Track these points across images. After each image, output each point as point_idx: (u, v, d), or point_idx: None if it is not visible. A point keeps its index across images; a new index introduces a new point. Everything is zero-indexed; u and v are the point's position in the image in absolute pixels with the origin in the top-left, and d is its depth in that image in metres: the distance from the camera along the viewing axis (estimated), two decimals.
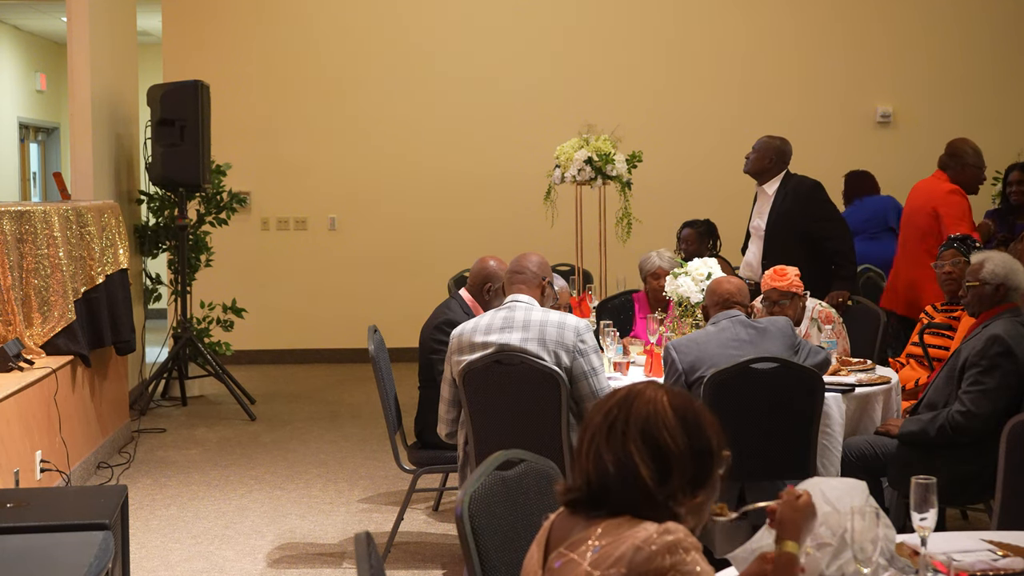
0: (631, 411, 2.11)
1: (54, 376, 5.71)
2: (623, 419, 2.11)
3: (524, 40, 10.27)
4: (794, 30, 10.21)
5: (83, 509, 3.88)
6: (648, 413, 2.10)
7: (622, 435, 2.09)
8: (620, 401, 2.14)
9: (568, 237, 7.41)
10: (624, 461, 2.08)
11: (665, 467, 2.07)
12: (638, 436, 2.08)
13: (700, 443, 2.10)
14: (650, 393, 2.14)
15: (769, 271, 5.35)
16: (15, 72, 13.58)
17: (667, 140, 9.88)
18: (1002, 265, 4.54)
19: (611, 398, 2.18)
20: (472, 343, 4.38)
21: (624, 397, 2.15)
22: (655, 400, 2.12)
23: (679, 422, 2.10)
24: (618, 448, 2.09)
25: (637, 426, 2.09)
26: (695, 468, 2.09)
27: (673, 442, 2.08)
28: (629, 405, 2.12)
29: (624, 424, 2.10)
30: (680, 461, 2.08)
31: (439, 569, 5.06)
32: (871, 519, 2.35)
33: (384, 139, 10.32)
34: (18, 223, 5.85)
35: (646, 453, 2.07)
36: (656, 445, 2.08)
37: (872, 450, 4.64)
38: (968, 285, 4.54)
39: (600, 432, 2.12)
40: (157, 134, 8.19)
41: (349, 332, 9.80)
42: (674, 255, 6.06)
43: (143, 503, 5.98)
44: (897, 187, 8.88)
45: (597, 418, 2.15)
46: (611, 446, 2.09)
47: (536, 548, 2.20)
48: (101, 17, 7.82)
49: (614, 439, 2.10)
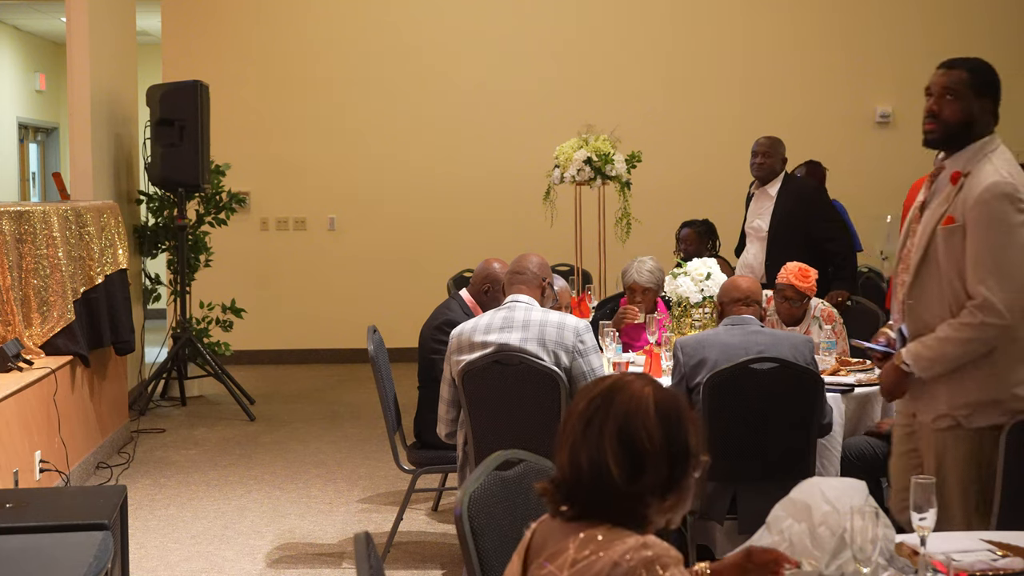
0: (612, 405, 2.07)
1: (53, 376, 5.71)
2: (603, 412, 2.06)
3: (524, 40, 10.27)
4: (794, 30, 10.21)
5: (82, 509, 3.88)
6: (629, 410, 2.05)
7: (599, 430, 2.05)
8: (604, 392, 2.10)
9: (567, 237, 7.42)
10: (597, 458, 2.04)
11: (638, 467, 2.03)
12: (615, 432, 2.04)
13: (677, 444, 2.05)
14: (636, 388, 2.09)
15: (793, 267, 5.36)
16: (14, 72, 13.58)
17: (666, 140, 9.89)
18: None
19: (598, 385, 2.13)
20: (472, 343, 4.38)
21: (608, 388, 2.10)
22: (639, 396, 2.07)
23: (660, 421, 2.05)
24: (593, 444, 2.05)
25: (616, 422, 2.05)
26: (669, 470, 2.05)
27: (649, 441, 2.03)
28: (612, 398, 2.08)
29: (603, 419, 2.06)
30: (654, 462, 2.04)
31: (438, 569, 5.06)
32: (871, 519, 2.35)
33: (383, 139, 10.31)
34: (17, 223, 5.85)
35: (620, 451, 2.03)
36: (631, 444, 2.04)
37: (871, 450, 4.64)
38: None
39: (579, 423, 2.08)
40: (156, 134, 8.19)
41: (348, 332, 9.79)
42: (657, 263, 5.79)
43: (142, 503, 5.97)
44: (896, 187, 8.85)
45: (579, 406, 2.11)
46: (587, 440, 2.06)
47: (516, 558, 2.17)
48: (101, 17, 7.82)
49: (590, 433, 2.06)
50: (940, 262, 3.42)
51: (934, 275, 3.45)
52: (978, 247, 3.35)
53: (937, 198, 3.50)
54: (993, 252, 3.34)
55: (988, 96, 3.52)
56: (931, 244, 3.45)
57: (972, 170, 3.44)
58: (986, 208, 3.34)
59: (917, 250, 3.48)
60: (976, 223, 3.36)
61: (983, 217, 3.35)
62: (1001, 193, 3.35)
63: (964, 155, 3.47)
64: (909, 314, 3.52)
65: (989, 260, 3.34)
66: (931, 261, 3.45)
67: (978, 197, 3.36)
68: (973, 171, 3.43)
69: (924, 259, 3.46)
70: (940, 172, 3.54)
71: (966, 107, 3.47)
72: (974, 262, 3.35)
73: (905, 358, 3.48)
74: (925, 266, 3.46)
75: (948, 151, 3.52)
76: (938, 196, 3.50)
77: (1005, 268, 3.34)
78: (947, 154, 3.53)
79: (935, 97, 3.50)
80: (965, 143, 3.48)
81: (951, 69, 3.51)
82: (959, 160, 3.48)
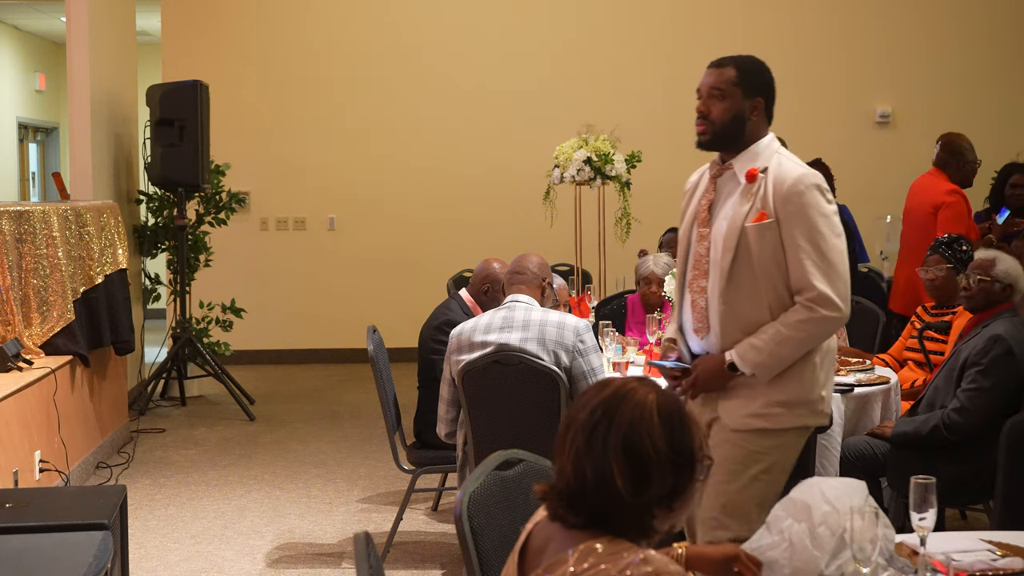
0: (616, 415, 2.02)
1: (53, 376, 5.71)
2: (606, 423, 2.02)
3: (524, 40, 10.27)
4: (794, 30, 10.21)
5: (82, 509, 3.88)
6: (633, 419, 2.01)
7: (603, 442, 2.01)
8: (607, 401, 2.05)
9: (567, 237, 7.42)
10: (603, 470, 2.00)
11: (643, 477, 2.00)
12: (620, 444, 2.00)
13: (682, 449, 2.02)
14: (640, 395, 2.04)
15: None
16: (14, 72, 13.58)
17: (666, 140, 9.87)
18: (1013, 266, 4.54)
19: (598, 394, 2.08)
20: (472, 342, 4.39)
21: (612, 396, 2.06)
22: (643, 404, 2.03)
23: (663, 427, 2.02)
24: (598, 456, 2.01)
25: (620, 433, 2.01)
26: (675, 477, 2.02)
27: (655, 450, 2.00)
28: (615, 408, 2.03)
29: (607, 430, 2.02)
30: (660, 471, 2.00)
31: (438, 569, 5.06)
32: (870, 519, 2.35)
33: (383, 139, 10.32)
34: (17, 223, 5.85)
35: (625, 463, 2.00)
36: (637, 455, 2.00)
37: (871, 450, 4.64)
38: (979, 279, 4.51)
39: (582, 434, 2.04)
40: (156, 134, 8.19)
41: (348, 332, 9.80)
42: (672, 261, 6.01)
43: (142, 503, 5.97)
44: (896, 187, 8.88)
45: (582, 416, 2.06)
46: (591, 452, 2.02)
47: (513, 557, 2.15)
48: (100, 17, 7.82)
49: (595, 445, 2.02)
50: (754, 261, 3.28)
51: (747, 275, 3.29)
52: (799, 241, 3.24)
53: (731, 198, 3.36)
54: (816, 244, 3.24)
55: (759, 95, 3.40)
56: (741, 244, 3.28)
57: (768, 166, 3.33)
58: (801, 200, 3.24)
59: (724, 252, 3.30)
60: (793, 217, 3.24)
61: (799, 210, 3.24)
62: (812, 184, 3.27)
63: (749, 154, 3.36)
64: (723, 318, 3.33)
65: (814, 253, 3.24)
66: (742, 261, 3.29)
67: (790, 190, 3.25)
68: (770, 167, 3.32)
69: (735, 260, 3.29)
70: (723, 173, 3.41)
71: (733, 105, 3.36)
72: (798, 256, 3.24)
73: (737, 362, 3.29)
74: (736, 267, 3.30)
75: (724, 151, 3.41)
76: (731, 196, 3.37)
77: (829, 258, 3.25)
78: (726, 155, 3.41)
79: (703, 98, 3.39)
80: (739, 142, 3.37)
81: (719, 67, 3.40)
82: (746, 159, 3.36)
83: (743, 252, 3.28)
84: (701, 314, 3.38)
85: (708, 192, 3.44)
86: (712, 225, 3.37)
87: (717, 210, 3.39)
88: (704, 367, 3.36)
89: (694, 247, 3.43)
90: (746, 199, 3.31)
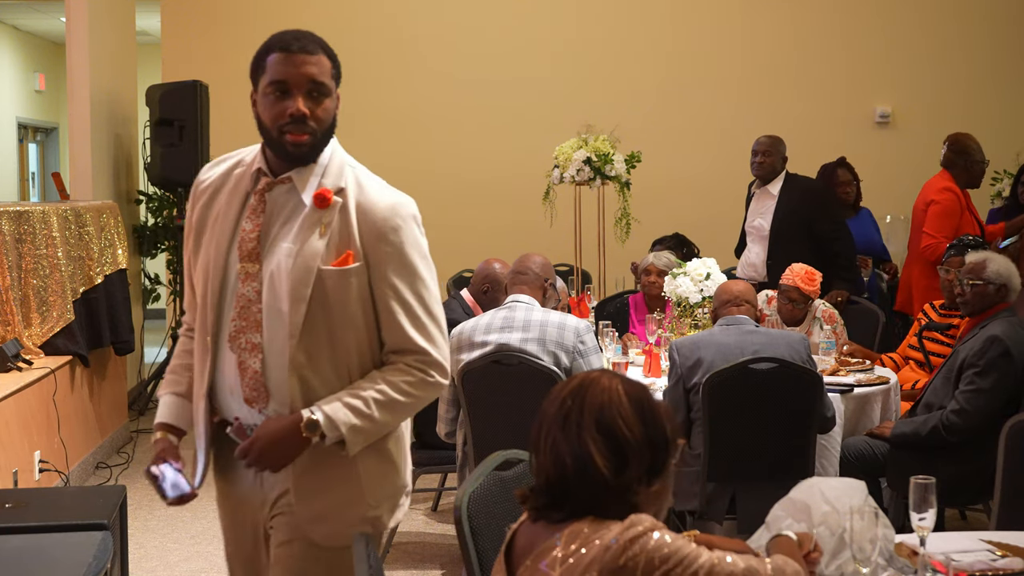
0: (585, 400, 2.09)
1: (53, 376, 5.71)
2: (577, 409, 2.08)
3: (523, 40, 10.27)
4: (793, 30, 10.20)
5: (82, 509, 3.88)
6: (603, 402, 2.07)
7: (577, 426, 2.07)
8: (574, 390, 2.12)
9: (567, 237, 7.42)
10: (581, 454, 2.05)
11: (622, 457, 2.05)
12: (593, 426, 2.06)
13: (656, 431, 2.08)
14: (605, 382, 2.11)
15: (799, 270, 5.38)
16: (14, 72, 13.58)
17: (666, 140, 9.88)
18: (1004, 266, 4.54)
19: (565, 387, 2.15)
20: (472, 342, 4.39)
21: (578, 386, 2.12)
22: (610, 389, 2.09)
23: (635, 410, 2.08)
24: (574, 440, 2.06)
25: (592, 415, 2.07)
26: (652, 457, 2.07)
27: (629, 431, 2.06)
28: (583, 394, 2.10)
29: (579, 414, 2.08)
30: (637, 450, 2.06)
31: (438, 569, 5.06)
32: (870, 519, 2.35)
33: (382, 139, 10.30)
34: (17, 223, 5.85)
35: (602, 443, 2.05)
36: (612, 435, 2.06)
37: (871, 450, 4.64)
38: (971, 283, 4.51)
39: (555, 424, 2.10)
40: (156, 134, 8.19)
41: None
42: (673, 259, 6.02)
43: (142, 503, 5.97)
44: (896, 187, 8.90)
45: (552, 409, 2.12)
46: (567, 438, 2.07)
47: (500, 559, 2.17)
48: (100, 17, 7.82)
49: (569, 431, 2.07)
50: (333, 312, 2.49)
51: (322, 329, 2.49)
52: (402, 292, 2.52)
53: (290, 225, 2.53)
54: (420, 296, 2.56)
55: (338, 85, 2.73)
56: (315, 291, 2.47)
57: (345, 187, 2.58)
58: (399, 238, 2.54)
59: (294, 302, 2.47)
60: (391, 260, 2.52)
61: (398, 252, 2.53)
62: (410, 215, 2.60)
63: (315, 167, 2.59)
64: (293, 385, 2.48)
65: (419, 306, 2.54)
66: (316, 312, 2.48)
67: (384, 224, 2.54)
68: (348, 189, 2.58)
69: (308, 312, 2.47)
70: (274, 187, 2.56)
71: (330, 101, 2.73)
72: (398, 309, 2.52)
73: (323, 422, 2.43)
74: (309, 320, 2.47)
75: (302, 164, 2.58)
76: (289, 223, 2.53)
77: (434, 312, 2.58)
78: (278, 165, 2.57)
79: (300, 97, 2.70)
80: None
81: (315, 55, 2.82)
82: (310, 173, 2.57)
83: (317, 301, 2.48)
84: (256, 380, 2.51)
85: (255, 212, 2.55)
86: (265, 261, 2.52)
87: (271, 240, 2.53)
88: (268, 430, 2.48)
89: (235, 288, 2.53)
90: (316, 231, 2.51)
